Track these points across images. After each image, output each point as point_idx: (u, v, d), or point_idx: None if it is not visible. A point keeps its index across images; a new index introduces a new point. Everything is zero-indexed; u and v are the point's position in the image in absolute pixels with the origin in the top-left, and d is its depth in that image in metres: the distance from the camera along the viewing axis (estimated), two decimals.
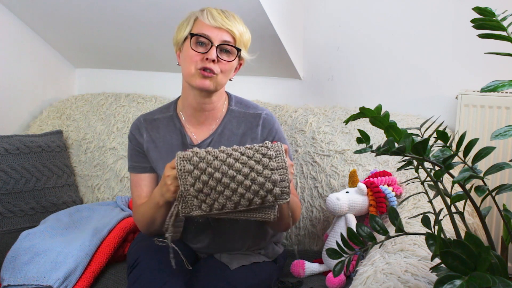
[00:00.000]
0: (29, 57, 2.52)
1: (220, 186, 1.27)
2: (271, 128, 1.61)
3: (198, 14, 1.54)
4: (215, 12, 1.52)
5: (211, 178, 1.27)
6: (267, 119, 1.62)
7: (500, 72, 1.97)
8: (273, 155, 1.29)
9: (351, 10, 2.17)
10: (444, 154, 1.02)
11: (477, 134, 1.95)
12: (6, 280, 1.66)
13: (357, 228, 1.11)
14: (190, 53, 1.50)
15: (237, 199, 1.28)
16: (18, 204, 2.10)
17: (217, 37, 1.50)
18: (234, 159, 1.28)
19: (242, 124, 1.61)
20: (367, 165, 1.93)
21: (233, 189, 1.27)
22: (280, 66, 2.25)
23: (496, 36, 0.98)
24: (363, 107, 1.02)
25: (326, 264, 1.78)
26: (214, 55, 1.48)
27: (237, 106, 1.65)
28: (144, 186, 1.63)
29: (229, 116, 1.62)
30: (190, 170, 1.28)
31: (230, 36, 1.52)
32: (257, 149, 1.30)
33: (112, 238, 1.85)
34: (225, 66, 1.52)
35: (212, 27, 1.50)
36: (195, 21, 1.53)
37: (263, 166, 1.28)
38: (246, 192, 1.27)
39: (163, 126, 1.63)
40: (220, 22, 1.50)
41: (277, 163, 1.29)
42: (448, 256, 0.82)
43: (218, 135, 1.60)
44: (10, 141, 2.17)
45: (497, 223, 1.99)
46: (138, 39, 2.35)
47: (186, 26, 1.54)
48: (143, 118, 1.66)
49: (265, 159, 1.29)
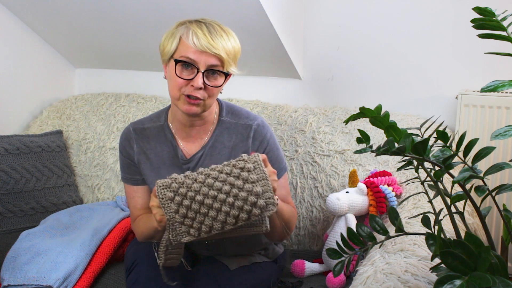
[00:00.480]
0: (29, 57, 2.52)
1: (204, 208, 1.25)
2: (262, 139, 1.54)
3: (182, 32, 1.42)
4: (201, 33, 1.39)
5: (193, 202, 1.25)
6: (258, 130, 1.54)
7: (500, 72, 1.97)
8: (251, 168, 1.26)
9: (351, 10, 2.17)
10: (444, 154, 1.02)
11: (477, 134, 1.95)
12: (6, 280, 1.66)
13: (357, 228, 1.11)
14: (174, 77, 1.41)
15: (223, 218, 1.25)
16: (18, 204, 2.10)
17: (203, 62, 1.39)
18: (213, 179, 1.26)
19: (233, 135, 1.55)
20: (367, 165, 1.93)
21: (217, 209, 1.25)
22: (280, 66, 2.25)
23: (496, 36, 0.98)
24: (363, 107, 1.02)
25: (326, 264, 1.78)
26: (200, 83, 1.39)
27: (228, 116, 1.57)
28: (138, 198, 1.59)
29: (220, 128, 1.55)
30: (171, 197, 1.26)
31: (217, 60, 1.40)
32: (234, 164, 1.27)
33: (112, 238, 1.85)
34: (212, 91, 1.43)
35: (198, 50, 1.38)
36: (180, 40, 1.42)
37: (243, 181, 1.25)
38: (230, 209, 1.25)
39: (153, 136, 1.56)
40: (206, 46, 1.38)
41: (256, 175, 1.26)
42: (448, 256, 0.82)
43: (209, 148, 1.54)
44: (10, 141, 2.17)
45: (497, 223, 1.99)
46: (138, 39, 2.35)
47: (171, 42, 1.43)
48: (133, 127, 1.58)
49: (244, 173, 1.26)
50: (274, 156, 1.55)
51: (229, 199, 1.24)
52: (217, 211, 1.25)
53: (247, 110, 1.61)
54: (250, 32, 2.05)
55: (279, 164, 1.56)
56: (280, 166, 1.56)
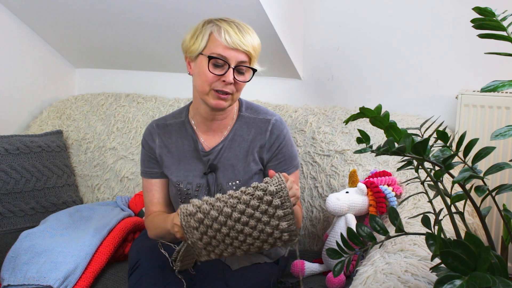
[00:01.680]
0: (29, 57, 2.52)
1: (228, 239, 1.26)
2: (279, 134, 1.60)
3: (213, 29, 1.48)
4: (232, 31, 1.47)
5: (217, 233, 1.25)
6: (276, 125, 1.60)
7: (500, 72, 1.97)
8: (278, 204, 1.25)
9: (351, 10, 2.17)
10: (444, 154, 1.02)
11: (477, 134, 1.95)
12: (6, 280, 1.66)
13: (357, 228, 1.11)
14: (206, 72, 1.48)
15: (246, 248, 1.28)
16: (18, 204, 2.10)
17: (234, 58, 1.47)
18: (239, 213, 1.25)
19: (252, 129, 1.61)
20: (367, 165, 1.93)
21: (242, 241, 1.26)
22: (280, 66, 2.25)
23: (496, 36, 0.98)
24: (363, 107, 1.02)
25: (326, 264, 1.78)
26: (231, 78, 1.47)
27: (247, 111, 1.64)
28: (155, 191, 1.64)
29: (239, 122, 1.62)
30: (196, 226, 1.26)
31: (246, 56, 1.49)
32: (261, 197, 1.25)
33: (112, 238, 1.85)
34: (241, 85, 1.52)
35: (229, 48, 1.46)
36: (210, 37, 1.48)
37: (269, 217, 1.25)
38: (255, 241, 1.26)
39: (175, 131, 1.63)
40: (238, 44, 1.46)
41: (283, 210, 1.25)
42: (448, 256, 0.82)
43: (229, 141, 1.60)
44: (10, 141, 2.17)
45: (497, 223, 1.99)
46: (138, 39, 2.35)
47: (200, 39, 1.49)
48: (155, 123, 1.66)
49: (271, 209, 1.25)
50: (288, 153, 1.61)
51: (255, 234, 1.25)
52: (241, 242, 1.26)
53: (265, 107, 1.69)
54: None
55: (292, 161, 1.62)
56: (293, 163, 1.62)
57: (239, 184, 1.57)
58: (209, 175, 1.58)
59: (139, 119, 2.36)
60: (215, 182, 1.58)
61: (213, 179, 1.58)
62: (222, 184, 1.58)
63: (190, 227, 1.26)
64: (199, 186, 1.59)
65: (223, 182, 1.58)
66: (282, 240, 1.26)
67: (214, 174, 1.58)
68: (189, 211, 1.26)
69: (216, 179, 1.58)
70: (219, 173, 1.58)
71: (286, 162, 1.60)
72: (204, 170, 1.59)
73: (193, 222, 1.25)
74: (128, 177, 2.27)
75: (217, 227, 1.25)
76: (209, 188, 1.58)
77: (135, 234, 1.95)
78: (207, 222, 1.25)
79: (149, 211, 1.63)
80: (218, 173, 1.58)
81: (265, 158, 1.60)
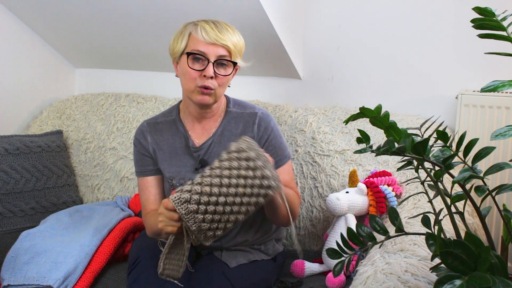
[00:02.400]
0: (29, 57, 2.52)
1: (228, 207, 1.28)
2: (266, 126, 1.64)
3: (191, 29, 1.55)
4: (209, 28, 1.53)
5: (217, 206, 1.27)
6: (263, 118, 1.65)
7: (500, 72, 1.97)
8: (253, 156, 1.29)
9: (351, 10, 2.17)
10: (444, 154, 1.02)
11: (477, 134, 1.95)
12: (6, 280, 1.66)
13: (357, 228, 1.11)
14: (187, 70, 1.54)
15: (245, 209, 1.30)
16: (18, 204, 2.10)
17: (213, 53, 1.52)
18: (227, 178, 1.28)
19: (240, 124, 1.65)
20: (367, 165, 1.93)
21: (239, 203, 1.29)
22: (280, 66, 2.25)
23: (496, 36, 0.98)
24: (363, 107, 1.02)
25: (326, 264, 1.78)
26: (211, 72, 1.52)
27: (235, 107, 1.69)
28: (151, 188, 1.67)
29: (227, 118, 1.66)
30: (195, 209, 1.27)
31: (225, 50, 1.54)
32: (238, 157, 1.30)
33: (112, 238, 1.85)
34: (223, 80, 1.56)
35: (207, 43, 1.52)
36: (190, 36, 1.55)
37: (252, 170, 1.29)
38: (250, 198, 1.29)
39: (165, 129, 1.68)
40: (214, 38, 1.52)
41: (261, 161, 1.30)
42: (448, 256, 0.82)
43: (218, 136, 1.64)
44: (10, 141, 2.17)
45: (497, 223, 1.99)
46: (138, 39, 2.35)
47: (181, 40, 1.56)
48: (147, 122, 1.71)
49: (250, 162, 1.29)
50: (278, 144, 1.65)
51: (247, 190, 1.28)
52: (240, 205, 1.29)
53: (253, 103, 1.74)
54: (250, 32, 2.05)
55: (283, 152, 1.66)
56: (285, 153, 1.67)
57: None
58: (200, 170, 1.62)
59: (139, 119, 2.36)
60: None
61: None
62: None
63: (191, 213, 1.27)
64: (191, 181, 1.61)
65: None
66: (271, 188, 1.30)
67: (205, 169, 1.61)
68: (183, 198, 1.27)
69: None
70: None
71: (277, 153, 1.63)
72: (196, 165, 1.63)
73: (191, 206, 1.26)
74: (128, 177, 2.27)
75: (214, 199, 1.27)
76: None
77: (135, 234, 1.95)
78: (204, 200, 1.27)
79: (145, 210, 1.65)
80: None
81: None
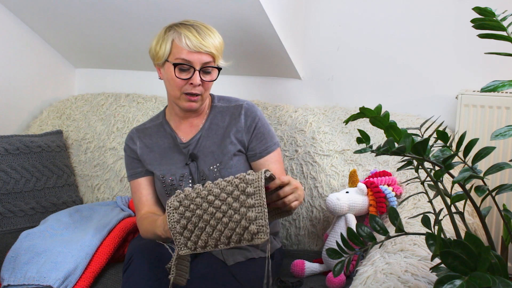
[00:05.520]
0: (29, 57, 2.52)
1: (202, 223, 1.28)
2: (254, 116, 1.68)
3: (174, 36, 1.57)
4: (192, 36, 1.54)
5: (193, 215, 1.29)
6: (249, 108, 1.69)
7: (500, 72, 1.97)
8: (251, 192, 1.26)
9: (351, 10, 2.17)
10: (444, 154, 1.02)
11: (477, 134, 1.95)
12: (6, 280, 1.66)
13: (357, 228, 1.11)
14: (174, 79, 1.57)
15: (217, 236, 1.28)
16: (18, 204, 2.10)
17: (198, 61, 1.56)
18: (214, 196, 1.28)
19: (226, 117, 1.69)
20: (367, 165, 1.93)
21: (213, 226, 1.28)
22: (280, 66, 2.25)
23: (496, 36, 0.98)
24: (363, 107, 1.02)
25: (326, 264, 1.78)
26: (198, 80, 1.56)
27: (220, 102, 1.73)
28: (142, 189, 1.71)
29: (214, 112, 1.71)
30: (177, 206, 1.31)
31: (209, 57, 1.57)
32: (237, 184, 1.28)
33: (112, 238, 1.85)
34: (208, 85, 1.61)
35: (191, 51, 1.55)
36: (173, 43, 1.57)
37: (240, 204, 1.26)
38: (224, 229, 1.27)
39: (154, 133, 1.73)
40: (199, 46, 1.54)
41: (254, 200, 1.25)
42: (448, 256, 0.82)
43: (206, 131, 1.68)
44: (10, 141, 2.17)
45: (497, 223, 1.99)
46: (138, 39, 2.35)
47: (164, 46, 1.58)
48: (135, 129, 1.77)
49: (243, 196, 1.26)
50: (266, 131, 1.69)
51: (225, 219, 1.27)
52: (213, 228, 1.28)
53: (236, 97, 1.77)
54: (250, 32, 2.05)
55: (272, 139, 1.70)
56: (273, 141, 1.71)
57: (219, 167, 1.64)
58: (190, 164, 1.65)
59: (139, 119, 2.36)
60: (197, 170, 1.65)
61: (195, 167, 1.66)
62: (204, 171, 1.65)
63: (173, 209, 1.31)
64: (182, 176, 1.66)
65: (204, 168, 1.65)
66: (249, 232, 1.25)
67: (195, 163, 1.66)
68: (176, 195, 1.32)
69: (197, 167, 1.65)
70: (199, 161, 1.66)
71: (266, 140, 1.67)
72: (186, 160, 1.66)
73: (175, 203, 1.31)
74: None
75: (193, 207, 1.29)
76: (192, 176, 1.65)
77: (135, 234, 1.95)
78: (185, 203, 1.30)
79: (139, 212, 1.69)
80: (199, 161, 1.66)
81: (246, 140, 1.67)
